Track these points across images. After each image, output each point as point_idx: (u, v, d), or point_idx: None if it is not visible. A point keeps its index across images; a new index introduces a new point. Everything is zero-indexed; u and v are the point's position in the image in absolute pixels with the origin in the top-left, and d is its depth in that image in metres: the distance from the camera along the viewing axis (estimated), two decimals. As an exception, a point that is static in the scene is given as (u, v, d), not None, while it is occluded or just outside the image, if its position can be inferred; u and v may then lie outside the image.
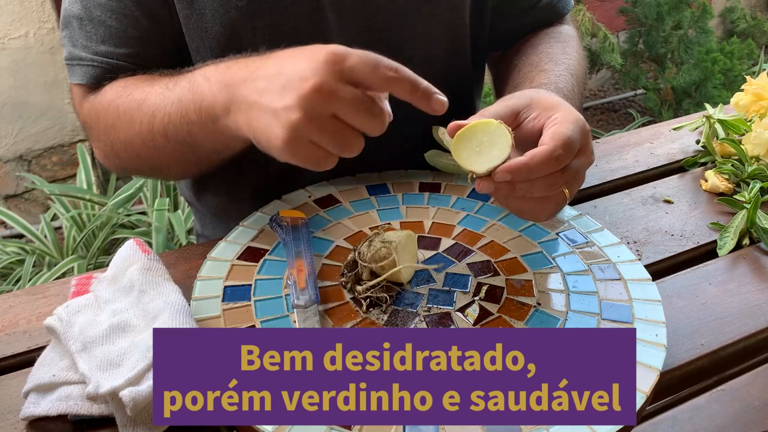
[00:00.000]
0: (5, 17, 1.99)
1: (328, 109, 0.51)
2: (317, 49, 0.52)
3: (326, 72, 0.50)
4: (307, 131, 0.51)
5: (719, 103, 0.97)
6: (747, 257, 0.71)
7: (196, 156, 0.67)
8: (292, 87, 0.51)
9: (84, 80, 0.71)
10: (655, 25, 2.70)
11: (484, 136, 0.55)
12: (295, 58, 0.53)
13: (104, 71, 0.70)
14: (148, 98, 0.65)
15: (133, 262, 0.59)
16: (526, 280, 0.61)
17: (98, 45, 0.70)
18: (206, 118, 0.59)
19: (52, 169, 2.21)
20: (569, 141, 0.55)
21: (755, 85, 0.91)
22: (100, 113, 0.70)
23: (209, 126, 0.60)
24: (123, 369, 0.49)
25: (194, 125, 0.61)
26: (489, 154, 0.55)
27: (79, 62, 0.71)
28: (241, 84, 0.56)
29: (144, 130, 0.65)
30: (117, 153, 0.71)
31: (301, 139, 0.52)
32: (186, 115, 0.61)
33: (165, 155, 0.67)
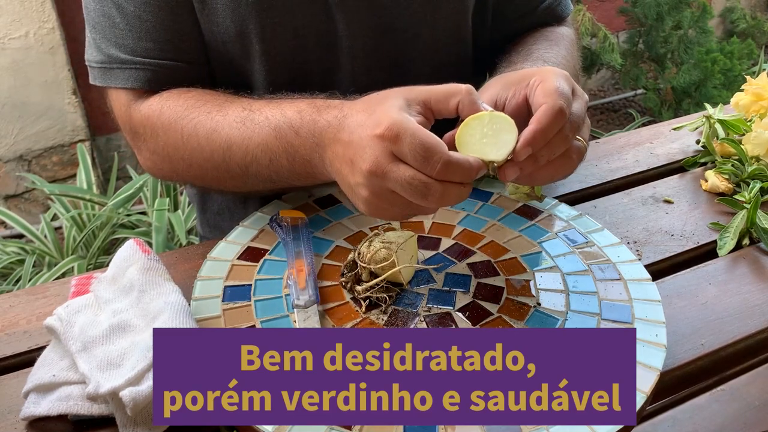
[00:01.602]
0: (5, 17, 1.99)
1: (387, 186, 0.52)
2: (378, 117, 0.52)
3: (379, 151, 0.51)
4: (379, 203, 0.53)
5: (719, 103, 0.97)
6: (747, 257, 0.71)
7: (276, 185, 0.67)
8: (357, 163, 0.52)
9: (129, 84, 0.69)
10: (655, 25, 2.69)
11: (484, 128, 0.54)
12: (361, 124, 0.53)
13: (151, 73, 0.68)
14: (219, 129, 0.64)
15: (133, 262, 0.59)
16: (525, 280, 0.61)
17: (137, 42, 0.68)
18: (301, 167, 0.61)
19: (52, 169, 2.21)
20: (561, 90, 0.54)
21: (755, 85, 0.91)
22: (158, 129, 0.68)
23: (302, 173, 0.61)
24: (123, 369, 0.49)
25: (284, 169, 0.62)
26: (499, 140, 0.54)
27: (120, 65, 0.68)
28: (327, 146, 0.57)
29: (216, 159, 0.65)
30: (177, 170, 0.71)
31: (378, 210, 0.54)
32: (275, 160, 0.62)
33: (234, 183, 0.68)
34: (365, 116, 0.53)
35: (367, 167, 0.51)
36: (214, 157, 0.65)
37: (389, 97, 0.54)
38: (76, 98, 2.13)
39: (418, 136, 0.50)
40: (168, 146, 0.68)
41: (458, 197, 0.52)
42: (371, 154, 0.51)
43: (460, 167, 0.51)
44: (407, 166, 0.51)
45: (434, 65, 0.80)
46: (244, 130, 0.62)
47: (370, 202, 0.53)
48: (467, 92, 0.54)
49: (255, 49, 0.71)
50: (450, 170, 0.50)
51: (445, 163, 0.50)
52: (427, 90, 0.55)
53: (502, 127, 0.54)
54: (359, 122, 0.53)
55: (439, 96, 0.54)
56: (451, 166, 0.50)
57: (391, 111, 0.52)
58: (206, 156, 0.65)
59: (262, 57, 0.71)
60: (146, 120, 0.69)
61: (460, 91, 0.54)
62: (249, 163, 0.63)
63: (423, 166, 0.50)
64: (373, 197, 0.53)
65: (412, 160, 0.50)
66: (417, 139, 0.50)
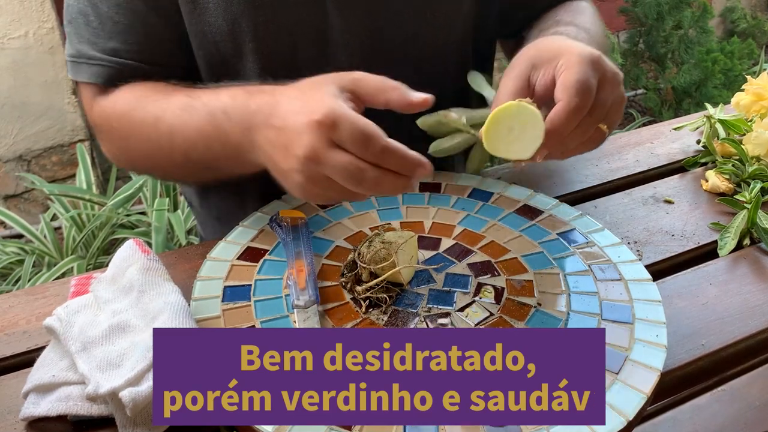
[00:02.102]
0: (5, 17, 1.99)
1: (323, 172, 0.52)
2: (315, 104, 0.52)
3: (316, 137, 0.51)
4: (313, 189, 0.54)
5: (720, 103, 0.97)
6: (747, 257, 0.70)
7: (216, 174, 0.68)
8: (291, 148, 0.53)
9: (92, 79, 0.71)
10: (656, 24, 2.69)
11: (512, 122, 0.54)
12: (296, 110, 0.54)
13: (114, 71, 0.70)
14: (164, 116, 0.65)
15: (132, 262, 0.59)
16: (526, 281, 0.61)
17: (106, 42, 0.69)
18: (232, 152, 0.61)
19: (51, 169, 2.21)
20: (579, 84, 0.54)
21: (756, 85, 0.91)
22: (113, 122, 0.70)
23: (236, 158, 0.62)
24: (123, 369, 0.48)
25: (219, 155, 0.63)
26: (526, 135, 0.54)
27: (87, 60, 0.70)
28: (258, 130, 0.57)
29: (164, 147, 0.66)
30: (131, 160, 0.73)
31: (312, 196, 0.55)
32: (210, 146, 0.62)
33: (182, 170, 0.70)
34: (300, 103, 0.54)
35: (304, 153, 0.52)
36: (161, 144, 0.66)
37: (322, 84, 0.55)
38: (76, 98, 2.13)
39: (357, 123, 0.51)
40: (122, 137, 0.70)
41: (393, 187, 0.53)
42: (308, 141, 0.51)
43: (397, 155, 0.51)
44: (344, 152, 0.51)
45: (433, 63, 0.79)
46: (185, 116, 0.63)
47: (303, 187, 0.54)
48: (394, 88, 0.55)
49: (248, 47, 0.70)
50: (387, 157, 0.51)
51: (382, 148, 0.51)
52: (356, 80, 0.56)
53: (529, 121, 0.54)
54: (293, 109, 0.54)
55: (369, 89, 0.55)
56: (388, 152, 0.51)
57: (326, 98, 0.52)
58: (154, 144, 0.67)
59: (254, 55, 0.71)
60: (103, 112, 0.71)
61: (387, 88, 0.55)
62: (188, 149, 0.64)
63: (361, 151, 0.51)
64: (307, 182, 0.53)
65: (350, 145, 0.51)
66: (355, 125, 0.51)
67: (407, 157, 0.52)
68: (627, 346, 0.54)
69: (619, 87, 0.58)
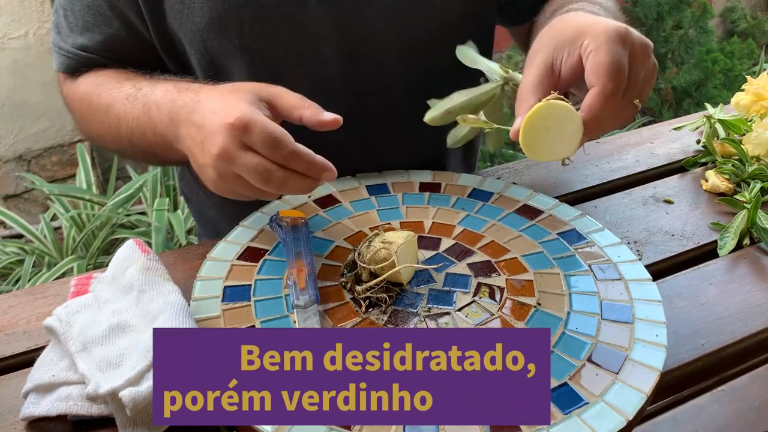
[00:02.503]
0: (5, 17, 1.99)
1: (233, 170, 0.56)
2: (230, 108, 0.56)
3: (228, 138, 0.55)
4: (224, 184, 0.58)
5: (720, 102, 0.97)
6: (747, 257, 0.70)
7: (159, 159, 0.74)
8: (206, 146, 0.57)
9: (61, 69, 0.78)
10: (656, 24, 2.69)
11: (546, 123, 0.53)
12: (215, 111, 0.58)
13: (78, 64, 0.76)
14: (114, 104, 0.71)
15: (132, 262, 0.59)
16: (526, 281, 0.61)
17: (76, 36, 0.75)
18: (162, 141, 0.66)
19: (51, 169, 2.21)
20: (612, 66, 0.53)
21: (756, 85, 0.91)
22: (76, 103, 0.78)
23: (167, 147, 0.66)
24: (123, 369, 0.48)
25: (154, 143, 0.68)
26: (564, 132, 0.53)
27: (59, 50, 0.77)
28: (180, 124, 0.62)
29: (113, 132, 0.72)
30: (93, 138, 0.80)
31: (223, 190, 0.59)
32: (144, 134, 0.68)
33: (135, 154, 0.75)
34: (218, 104, 0.58)
35: (216, 152, 0.56)
36: (111, 129, 0.72)
37: (241, 90, 0.59)
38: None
39: (267, 127, 0.55)
40: (83, 118, 0.77)
41: (299, 187, 0.57)
42: (221, 141, 0.55)
43: (304, 158, 0.56)
44: (254, 153, 0.55)
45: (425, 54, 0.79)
46: (128, 106, 0.69)
47: (216, 182, 0.58)
48: (309, 107, 0.59)
49: (234, 44, 0.71)
50: (295, 159, 0.55)
51: (291, 152, 0.55)
52: (275, 93, 0.60)
53: (564, 118, 0.52)
54: (212, 109, 0.58)
55: (285, 105, 0.60)
56: (295, 155, 0.55)
57: (241, 103, 0.57)
58: (107, 128, 0.73)
59: (241, 53, 0.72)
60: (69, 93, 0.79)
61: (302, 106, 0.59)
62: (131, 135, 0.69)
63: (270, 153, 0.55)
64: (219, 179, 0.58)
65: (260, 147, 0.55)
66: (266, 130, 0.55)
67: (314, 161, 0.56)
68: (627, 345, 0.54)
69: (650, 58, 0.56)
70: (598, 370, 0.52)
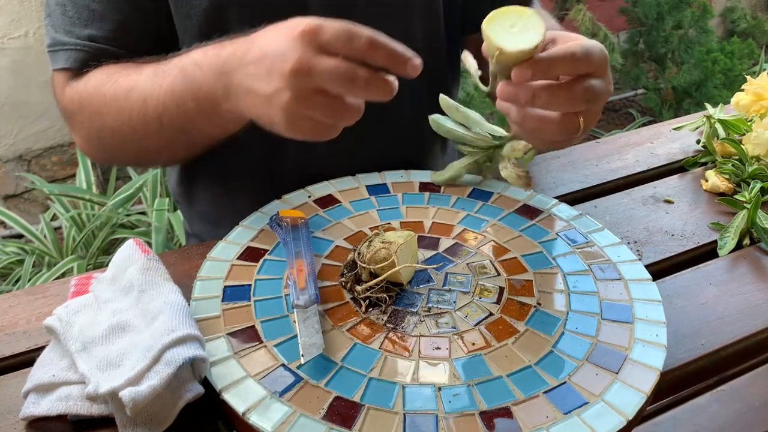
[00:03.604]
0: (5, 17, 1.99)
1: (312, 84, 0.51)
2: (293, 24, 0.53)
3: (302, 48, 0.51)
4: (301, 110, 0.52)
5: (720, 102, 0.97)
6: (747, 257, 0.70)
7: (190, 141, 0.68)
8: (275, 69, 0.52)
9: (67, 64, 0.72)
10: (656, 24, 2.69)
11: (518, 20, 0.54)
12: (275, 37, 0.54)
13: (88, 55, 0.71)
14: (137, 86, 0.66)
15: (132, 262, 0.59)
16: (526, 280, 0.61)
17: (81, 29, 0.71)
18: (206, 104, 0.61)
19: (51, 169, 2.21)
20: (587, 48, 0.55)
21: (756, 85, 0.91)
22: (84, 100, 0.71)
23: (210, 112, 0.61)
24: (123, 369, 0.48)
25: (192, 112, 0.62)
26: (522, 36, 0.54)
27: (62, 47, 0.72)
28: (234, 71, 0.57)
29: (134, 118, 0.66)
30: (102, 140, 0.72)
31: (297, 118, 0.53)
32: (183, 103, 0.62)
33: (156, 141, 0.68)
34: (272, 33, 0.54)
35: (291, 67, 0.51)
36: (133, 116, 0.66)
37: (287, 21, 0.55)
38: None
39: (338, 24, 0.51)
40: (93, 116, 0.70)
41: (383, 89, 0.52)
42: (293, 54, 0.51)
43: (385, 47, 0.51)
44: (331, 57, 0.51)
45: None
46: (156, 80, 0.64)
47: (290, 108, 0.53)
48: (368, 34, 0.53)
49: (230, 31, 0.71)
50: (375, 50, 0.51)
51: (369, 40, 0.51)
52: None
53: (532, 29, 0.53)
54: (269, 39, 0.54)
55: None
56: (375, 44, 0.51)
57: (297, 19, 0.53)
58: (126, 117, 0.67)
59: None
60: (75, 95, 0.72)
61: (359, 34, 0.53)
62: (162, 113, 0.64)
63: (350, 47, 0.51)
64: (294, 102, 0.52)
65: (337, 43, 0.51)
66: (338, 25, 0.51)
67: (395, 50, 0.52)
68: (627, 345, 0.54)
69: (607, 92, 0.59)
70: (597, 369, 0.52)
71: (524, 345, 0.54)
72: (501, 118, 2.15)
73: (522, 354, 0.53)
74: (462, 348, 0.53)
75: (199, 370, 0.49)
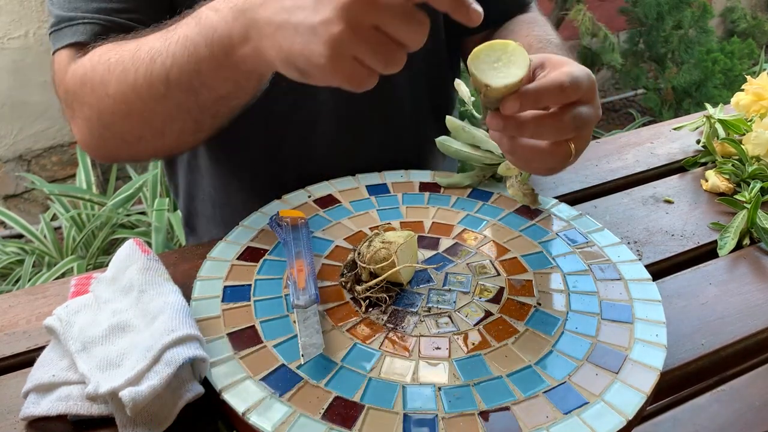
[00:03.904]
0: (5, 17, 1.99)
1: (371, 20, 0.46)
2: None
3: None
4: (350, 45, 0.47)
5: (720, 102, 0.97)
6: (747, 257, 0.70)
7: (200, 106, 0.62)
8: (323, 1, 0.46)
9: (74, 38, 0.67)
10: (656, 24, 2.69)
11: (503, 55, 0.54)
12: None
13: (97, 27, 0.67)
14: (144, 44, 0.62)
15: (132, 262, 0.59)
16: (526, 280, 0.61)
17: (89, 3, 0.68)
18: (219, 50, 0.56)
19: (51, 169, 2.21)
20: (574, 76, 0.55)
21: (756, 85, 0.91)
22: (87, 73, 0.66)
23: (223, 60, 0.56)
24: (122, 369, 0.48)
25: (204, 61, 0.57)
26: (507, 71, 0.54)
27: (69, 23, 0.68)
28: (260, 7, 0.52)
29: (140, 79, 0.61)
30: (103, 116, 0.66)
31: (344, 55, 0.47)
32: (195, 52, 0.57)
33: (162, 110, 0.63)
34: None
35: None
36: (139, 76, 0.61)
37: None
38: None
39: None
40: (96, 88, 0.65)
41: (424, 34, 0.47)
42: None
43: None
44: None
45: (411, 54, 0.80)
46: (167, 34, 0.60)
47: (340, 42, 0.46)
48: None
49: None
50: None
51: None
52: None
53: (516, 62, 0.54)
54: None
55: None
56: None
57: None
58: (131, 79, 0.62)
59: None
60: (78, 70, 0.67)
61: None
62: (170, 68, 0.59)
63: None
64: (347, 34, 0.46)
65: None
66: None
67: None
68: (627, 345, 0.54)
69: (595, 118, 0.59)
70: (597, 369, 0.52)
71: (524, 345, 0.54)
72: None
73: (522, 354, 0.53)
74: (462, 348, 0.53)
75: (199, 370, 0.49)
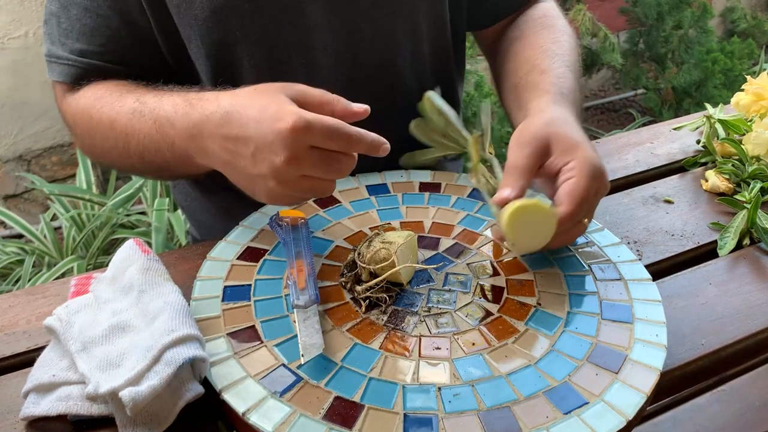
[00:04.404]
0: (5, 17, 1.99)
1: (299, 173, 0.56)
2: (278, 111, 0.55)
3: (294, 144, 0.54)
4: (283, 191, 0.57)
5: (720, 102, 0.97)
6: (747, 257, 0.70)
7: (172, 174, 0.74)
8: (263, 158, 0.55)
9: (61, 78, 0.74)
10: (656, 24, 2.69)
11: (537, 218, 0.58)
12: (259, 121, 0.55)
13: (81, 71, 0.73)
14: (118, 120, 0.68)
15: (132, 262, 0.59)
16: (526, 280, 0.61)
17: (74, 42, 0.72)
18: (181, 157, 0.64)
19: (51, 169, 2.21)
20: (584, 200, 0.58)
21: (756, 85, 0.91)
22: (77, 118, 0.74)
23: (184, 161, 0.64)
24: (122, 369, 0.48)
25: (170, 159, 0.66)
26: (539, 235, 0.58)
27: (57, 60, 0.74)
28: (208, 138, 0.60)
29: (120, 148, 0.69)
30: (94, 153, 0.76)
31: (280, 197, 0.59)
32: (159, 151, 0.65)
33: (141, 169, 0.74)
34: (256, 111, 0.56)
35: (282, 159, 0.54)
36: (118, 144, 0.69)
37: (271, 91, 0.58)
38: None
39: (325, 122, 0.54)
40: (84, 134, 0.74)
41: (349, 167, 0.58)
42: (286, 148, 0.54)
43: (363, 140, 0.56)
44: (319, 150, 0.55)
45: (413, 50, 0.80)
46: (135, 121, 0.67)
47: (273, 191, 0.57)
48: (338, 101, 0.58)
49: (235, 36, 0.71)
50: (356, 142, 0.56)
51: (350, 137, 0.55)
52: (302, 91, 0.59)
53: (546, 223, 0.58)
54: (252, 117, 0.56)
55: (314, 101, 0.58)
56: (356, 138, 0.56)
57: (285, 105, 0.55)
58: (111, 144, 0.70)
59: (242, 45, 0.72)
60: (69, 109, 0.75)
61: (332, 100, 0.58)
62: (142, 151, 0.67)
63: (336, 144, 0.55)
64: (280, 186, 0.56)
65: (325, 142, 0.55)
66: (325, 124, 0.54)
67: (373, 140, 0.57)
68: (627, 345, 0.54)
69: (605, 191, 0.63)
70: (598, 369, 0.52)
71: (524, 345, 0.54)
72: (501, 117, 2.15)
73: (522, 354, 0.53)
74: (462, 348, 0.53)
75: (199, 370, 0.49)
